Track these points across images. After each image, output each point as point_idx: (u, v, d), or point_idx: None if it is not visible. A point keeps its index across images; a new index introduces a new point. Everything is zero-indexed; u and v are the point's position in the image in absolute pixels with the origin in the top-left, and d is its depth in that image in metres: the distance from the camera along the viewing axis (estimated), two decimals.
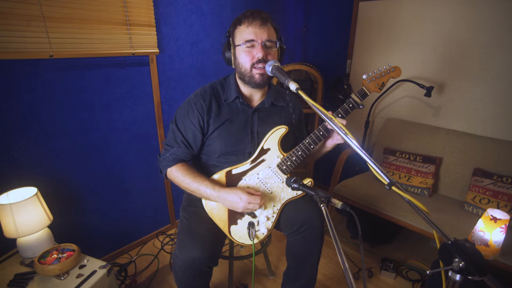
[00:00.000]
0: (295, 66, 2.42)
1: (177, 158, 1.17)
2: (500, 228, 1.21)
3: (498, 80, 1.77)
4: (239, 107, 1.20)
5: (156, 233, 2.12)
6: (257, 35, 1.07)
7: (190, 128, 1.17)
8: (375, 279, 1.75)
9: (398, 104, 2.22)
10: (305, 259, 1.28)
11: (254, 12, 1.08)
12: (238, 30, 1.10)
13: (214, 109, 1.17)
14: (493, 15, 1.71)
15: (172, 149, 1.18)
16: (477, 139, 1.83)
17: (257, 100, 1.24)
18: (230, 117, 1.19)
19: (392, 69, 1.18)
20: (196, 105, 1.16)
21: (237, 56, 1.13)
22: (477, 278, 0.60)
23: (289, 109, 1.29)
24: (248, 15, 1.08)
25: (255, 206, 1.10)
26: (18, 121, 1.37)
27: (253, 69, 1.10)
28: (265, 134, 1.20)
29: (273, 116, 1.26)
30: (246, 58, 1.10)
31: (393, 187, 0.69)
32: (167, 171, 1.19)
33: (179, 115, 1.19)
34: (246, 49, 1.09)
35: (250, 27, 1.07)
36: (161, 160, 1.20)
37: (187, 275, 1.10)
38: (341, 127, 0.81)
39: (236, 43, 1.11)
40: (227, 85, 1.22)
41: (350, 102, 1.14)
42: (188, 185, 1.15)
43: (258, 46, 1.08)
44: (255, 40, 1.07)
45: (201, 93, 1.18)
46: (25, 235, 1.24)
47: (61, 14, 1.38)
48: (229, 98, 1.19)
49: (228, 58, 1.16)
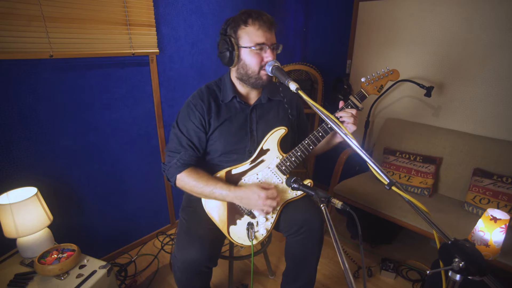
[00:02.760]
0: (295, 66, 2.42)
1: (185, 163, 1.14)
2: (500, 228, 1.21)
3: (498, 80, 1.77)
4: (237, 107, 1.20)
5: (156, 233, 2.12)
6: (267, 39, 1.07)
7: (193, 129, 1.16)
8: (375, 279, 1.75)
9: (398, 104, 2.22)
10: (304, 260, 1.27)
11: (260, 14, 1.07)
12: (244, 31, 1.07)
13: (213, 109, 1.17)
14: (493, 15, 1.71)
15: (178, 154, 1.15)
16: (477, 139, 1.83)
17: (254, 98, 1.24)
18: (229, 117, 1.18)
19: (390, 72, 1.19)
20: (196, 106, 1.15)
21: (242, 57, 1.10)
22: (477, 278, 0.60)
23: (285, 105, 1.28)
24: (256, 17, 1.06)
25: (272, 202, 1.09)
26: (18, 121, 1.37)
27: (261, 71, 1.11)
28: (264, 131, 1.20)
29: (271, 112, 1.25)
30: (255, 61, 1.08)
31: (393, 187, 0.69)
32: (176, 178, 1.15)
33: (181, 119, 1.19)
34: (255, 51, 1.07)
35: (260, 30, 1.06)
36: (167, 168, 1.17)
37: (186, 275, 1.11)
38: (340, 127, 0.80)
39: (243, 45, 1.08)
40: (223, 85, 1.21)
41: (348, 104, 1.15)
42: (202, 189, 1.13)
43: (268, 50, 1.08)
44: (265, 44, 1.07)
45: (199, 94, 1.18)
46: (25, 235, 1.24)
47: (61, 14, 1.38)
48: (226, 98, 1.18)
49: (229, 58, 1.11)
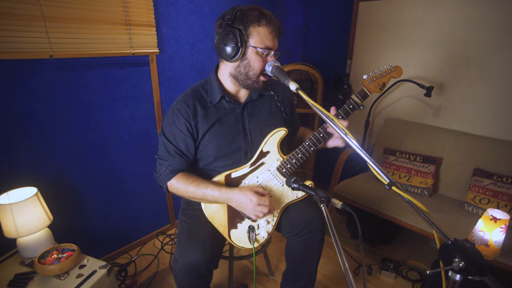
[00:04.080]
0: (295, 66, 2.42)
1: (174, 169, 1.13)
2: (500, 228, 1.21)
3: (498, 80, 1.77)
4: (227, 107, 1.16)
5: (156, 233, 2.12)
6: (274, 45, 1.06)
7: (179, 136, 1.12)
8: (375, 279, 1.75)
9: (398, 104, 2.22)
10: (305, 261, 1.27)
11: (271, 16, 1.04)
12: (256, 30, 1.02)
13: (200, 113, 1.12)
14: (493, 16, 1.71)
15: (166, 162, 1.13)
16: (477, 139, 1.83)
17: (244, 95, 1.19)
18: (219, 118, 1.14)
19: (393, 69, 1.16)
20: (180, 111, 1.11)
21: (248, 56, 1.05)
22: (477, 278, 0.60)
23: (277, 103, 1.24)
24: (269, 20, 1.02)
25: (263, 209, 1.08)
26: (18, 121, 1.37)
27: (261, 75, 1.08)
28: (257, 129, 1.18)
29: (263, 108, 1.22)
30: (259, 64, 1.05)
31: (393, 187, 0.69)
32: (167, 185, 1.14)
33: (166, 126, 1.15)
34: (262, 54, 1.04)
35: (272, 34, 1.04)
36: (158, 175, 1.15)
37: (187, 278, 1.10)
38: (342, 128, 0.80)
39: (252, 44, 1.02)
40: (209, 86, 1.16)
41: (350, 103, 1.12)
42: (193, 193, 1.11)
43: (272, 55, 1.06)
44: (272, 49, 1.06)
45: (183, 98, 1.14)
46: (25, 235, 1.24)
47: (61, 14, 1.38)
48: (214, 100, 1.14)
49: (232, 53, 1.02)
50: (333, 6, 2.42)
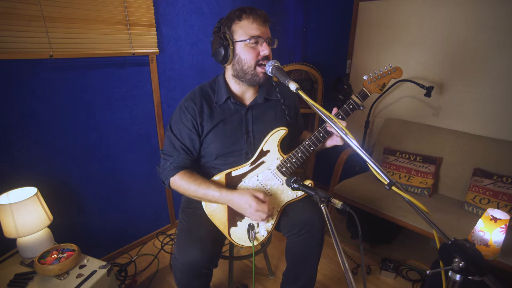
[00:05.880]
0: (295, 66, 2.42)
1: (178, 166, 1.14)
2: (500, 228, 1.21)
3: (498, 80, 1.77)
4: (232, 108, 1.18)
5: (156, 233, 2.12)
6: (262, 32, 1.06)
7: (185, 132, 1.15)
8: (375, 279, 1.75)
9: (398, 104, 2.22)
10: (305, 261, 1.27)
11: (253, 9, 1.07)
12: (238, 25, 1.06)
13: (206, 111, 1.14)
14: (493, 15, 1.71)
15: (171, 157, 1.15)
16: (477, 139, 1.83)
17: (250, 98, 1.21)
18: (223, 118, 1.16)
19: (393, 70, 1.16)
20: (188, 109, 1.14)
21: (238, 52, 1.07)
22: (477, 278, 0.60)
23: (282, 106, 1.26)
24: (249, 12, 1.05)
25: (262, 215, 1.08)
26: (18, 121, 1.37)
27: (257, 67, 1.08)
28: (261, 132, 1.19)
29: (268, 112, 1.23)
30: (250, 55, 1.06)
31: (393, 187, 0.69)
32: (170, 181, 1.16)
33: (174, 122, 1.17)
34: (251, 45, 1.06)
35: (255, 23, 1.05)
36: (161, 171, 1.17)
37: (187, 277, 1.10)
38: (341, 128, 0.80)
39: (237, 39, 1.06)
40: (217, 86, 1.19)
41: (350, 104, 1.12)
42: (194, 192, 1.12)
43: (264, 43, 1.07)
44: (261, 37, 1.06)
45: (191, 96, 1.16)
46: (25, 235, 1.24)
47: (61, 14, 1.38)
48: (220, 100, 1.16)
49: (223, 55, 1.08)
50: (333, 6, 2.42)
